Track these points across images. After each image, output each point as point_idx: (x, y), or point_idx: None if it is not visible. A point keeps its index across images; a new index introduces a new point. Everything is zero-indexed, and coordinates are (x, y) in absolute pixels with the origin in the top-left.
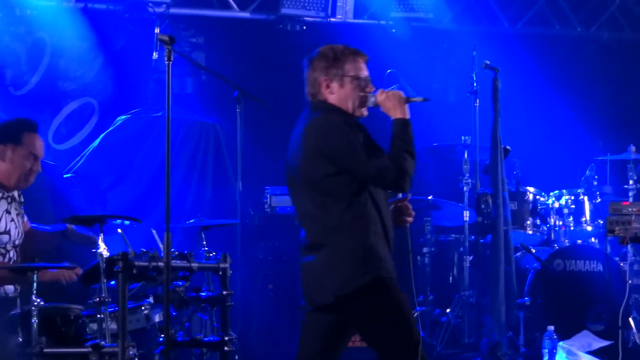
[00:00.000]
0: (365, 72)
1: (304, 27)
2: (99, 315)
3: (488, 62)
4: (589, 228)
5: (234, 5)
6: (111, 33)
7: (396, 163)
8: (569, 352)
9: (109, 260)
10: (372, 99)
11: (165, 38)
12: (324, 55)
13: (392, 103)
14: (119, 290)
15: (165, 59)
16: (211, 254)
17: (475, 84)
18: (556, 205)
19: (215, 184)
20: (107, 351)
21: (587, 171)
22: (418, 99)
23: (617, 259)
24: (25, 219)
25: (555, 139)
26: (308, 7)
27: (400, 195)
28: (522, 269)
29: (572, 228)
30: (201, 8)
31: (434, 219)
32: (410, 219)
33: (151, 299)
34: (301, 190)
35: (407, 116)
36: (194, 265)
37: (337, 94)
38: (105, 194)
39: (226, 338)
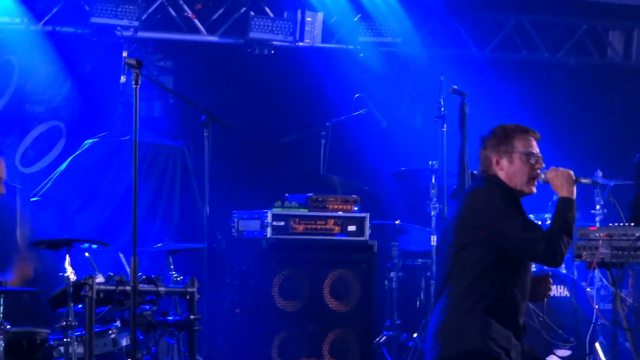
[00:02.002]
0: (535, 149)
1: (272, 51)
2: (65, 339)
3: (455, 86)
4: None
5: (203, 29)
6: (79, 56)
7: (549, 239)
8: None
9: (76, 284)
10: (542, 176)
11: (133, 62)
12: (495, 133)
13: (560, 181)
14: (86, 314)
15: (133, 82)
16: (179, 278)
17: (442, 109)
18: None
19: (182, 208)
20: None
21: (554, 196)
22: (588, 180)
23: (584, 284)
24: None
25: None
26: (276, 32)
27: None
28: None
29: None
30: (169, 32)
31: (401, 244)
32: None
33: (118, 323)
34: None
35: (574, 196)
36: (162, 289)
37: (506, 170)
38: (73, 217)
39: None
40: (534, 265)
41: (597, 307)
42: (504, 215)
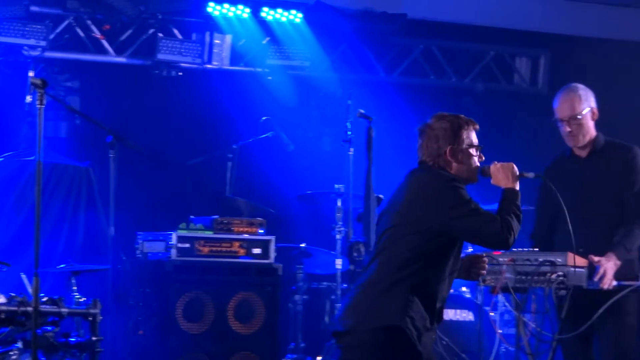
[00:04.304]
0: (477, 141)
1: (180, 73)
2: None
3: (362, 110)
4: None
5: (110, 50)
6: None
7: (504, 219)
8: None
9: None
10: (485, 169)
11: (38, 82)
12: (446, 124)
13: (504, 174)
14: None
15: (38, 102)
16: (81, 300)
17: (349, 133)
18: None
19: (87, 229)
20: None
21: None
22: (530, 174)
23: (487, 308)
24: None
25: None
26: (184, 54)
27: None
28: None
29: None
30: (77, 52)
31: (306, 267)
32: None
33: (20, 344)
34: None
35: (518, 188)
36: (64, 310)
37: (457, 161)
38: None
39: None
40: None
41: (500, 331)
42: (456, 201)
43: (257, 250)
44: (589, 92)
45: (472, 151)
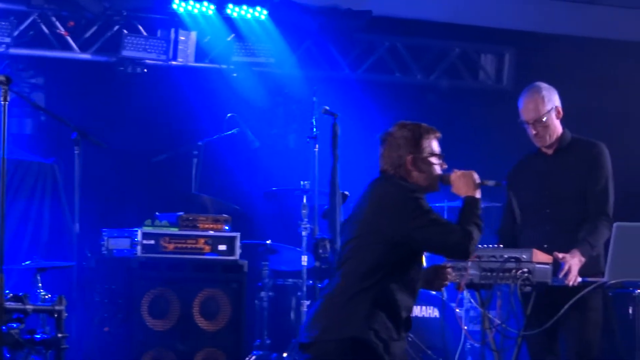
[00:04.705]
0: (439, 149)
1: (145, 70)
2: None
3: (327, 107)
4: None
5: (75, 47)
6: None
7: (464, 228)
8: None
9: None
10: (445, 177)
11: (2, 78)
12: (407, 133)
13: (464, 182)
14: None
15: (2, 99)
16: (47, 296)
17: (315, 129)
18: None
19: (52, 226)
20: None
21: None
22: (491, 182)
23: (453, 304)
24: None
25: None
26: (149, 50)
27: None
28: None
29: None
30: (41, 49)
31: (271, 263)
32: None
33: None
34: None
35: (479, 196)
36: (29, 307)
37: (418, 170)
38: None
39: None
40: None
41: (466, 328)
42: (416, 211)
43: (222, 247)
44: (553, 91)
45: (434, 160)
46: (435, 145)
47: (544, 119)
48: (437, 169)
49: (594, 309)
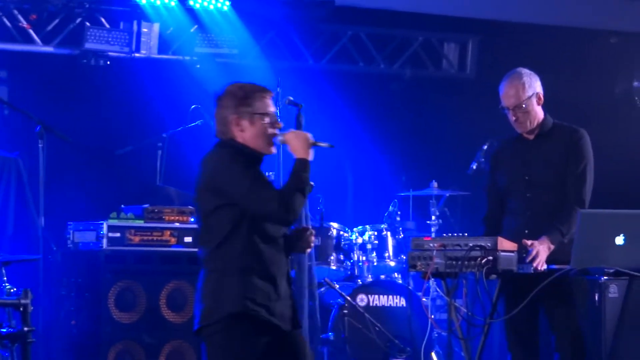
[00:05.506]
0: (272, 109)
1: (108, 62)
2: None
3: (291, 98)
4: (392, 263)
5: (38, 40)
6: None
7: (283, 196)
8: None
9: None
10: (280, 137)
11: None
12: (233, 93)
13: (298, 143)
14: None
15: None
16: (12, 290)
17: (279, 120)
18: (359, 240)
19: (17, 219)
20: None
21: (390, 207)
22: (325, 144)
23: (419, 294)
24: None
25: (360, 175)
26: (112, 42)
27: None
28: (326, 305)
29: (375, 263)
30: (4, 42)
31: None
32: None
33: None
34: None
35: (310, 158)
36: None
37: (246, 131)
38: None
39: None
40: None
41: (432, 316)
42: (233, 178)
43: (188, 239)
44: (534, 77)
45: (263, 119)
46: (266, 105)
47: (524, 105)
48: (268, 129)
49: (572, 296)
